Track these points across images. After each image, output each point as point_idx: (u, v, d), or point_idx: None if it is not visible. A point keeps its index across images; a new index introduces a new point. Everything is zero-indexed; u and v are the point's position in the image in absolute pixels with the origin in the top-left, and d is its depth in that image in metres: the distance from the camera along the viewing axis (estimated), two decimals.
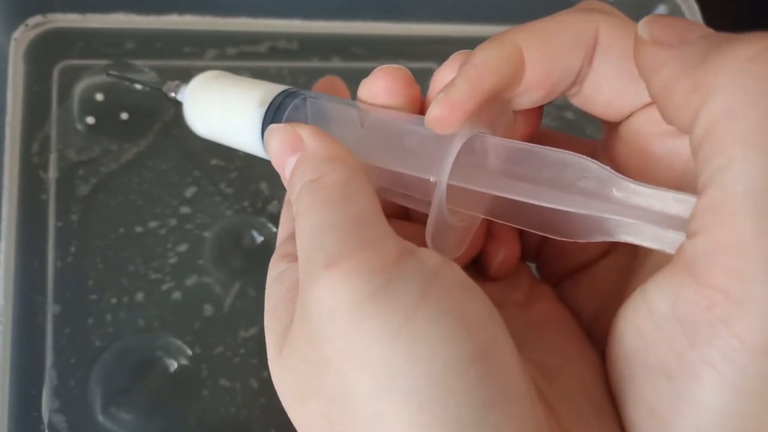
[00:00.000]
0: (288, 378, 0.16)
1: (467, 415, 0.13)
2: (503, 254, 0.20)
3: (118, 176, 0.33)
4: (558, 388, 0.16)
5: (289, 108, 0.22)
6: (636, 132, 0.17)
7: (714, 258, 0.13)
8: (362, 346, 0.13)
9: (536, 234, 0.17)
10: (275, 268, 0.19)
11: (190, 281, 0.32)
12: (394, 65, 0.19)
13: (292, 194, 0.18)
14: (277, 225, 0.34)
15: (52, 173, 0.33)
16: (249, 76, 0.37)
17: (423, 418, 0.13)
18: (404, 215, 0.22)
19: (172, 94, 0.27)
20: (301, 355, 0.15)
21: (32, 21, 0.35)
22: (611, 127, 0.19)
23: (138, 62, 0.35)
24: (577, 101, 0.18)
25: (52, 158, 0.33)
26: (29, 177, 0.32)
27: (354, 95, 0.21)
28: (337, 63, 0.38)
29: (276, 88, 0.23)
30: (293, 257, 0.18)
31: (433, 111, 0.17)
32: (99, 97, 0.34)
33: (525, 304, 0.20)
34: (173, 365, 0.31)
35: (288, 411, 0.16)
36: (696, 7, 0.39)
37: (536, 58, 0.17)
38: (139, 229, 0.33)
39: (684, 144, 0.16)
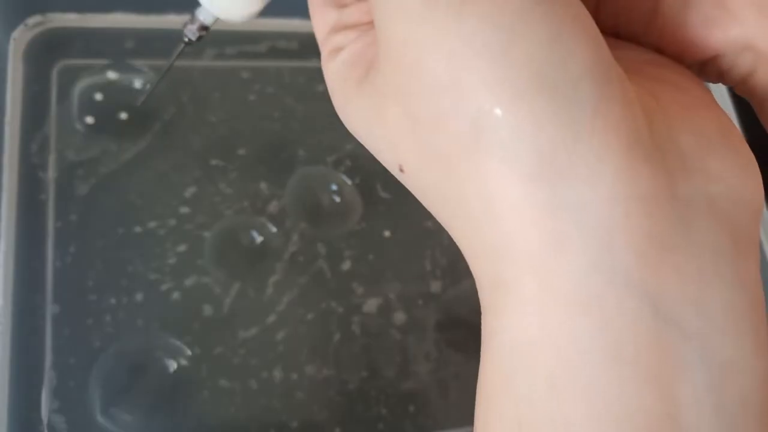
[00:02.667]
0: (369, 100, 0.16)
1: (536, 53, 0.13)
2: None
3: (117, 176, 0.33)
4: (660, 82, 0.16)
5: None
6: None
7: None
8: (431, 32, 0.13)
9: None
10: (334, 62, 0.18)
11: (189, 281, 0.32)
12: None
13: None
14: (276, 225, 0.34)
15: (51, 173, 0.33)
16: (249, 77, 0.38)
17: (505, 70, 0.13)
18: None
19: (197, 25, 0.25)
20: (383, 78, 0.15)
21: (31, 20, 0.35)
22: None
23: (137, 62, 0.35)
24: None
25: (51, 158, 0.33)
26: (28, 177, 0.32)
27: None
28: None
29: None
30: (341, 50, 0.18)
31: None
32: (98, 96, 0.34)
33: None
34: (173, 366, 0.31)
35: (367, 135, 0.16)
36: None
37: None
38: (138, 229, 0.33)
39: None
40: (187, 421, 0.30)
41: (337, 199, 0.35)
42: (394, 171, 0.16)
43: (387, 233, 0.35)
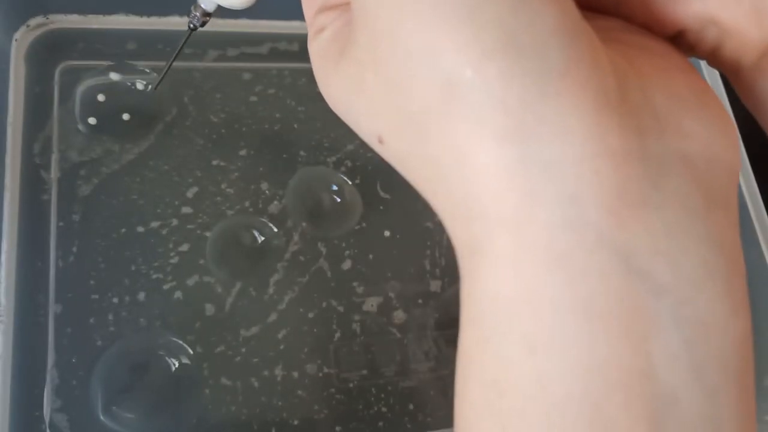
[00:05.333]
0: (347, 72, 0.16)
1: (503, 14, 0.13)
2: None
3: (119, 176, 0.33)
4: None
5: None
6: None
7: None
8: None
9: None
10: (317, 40, 0.18)
11: (191, 281, 0.32)
12: None
13: None
14: (277, 225, 0.34)
15: (54, 173, 0.33)
16: (251, 78, 0.38)
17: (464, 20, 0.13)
18: None
19: (200, 12, 0.27)
20: (359, 49, 0.15)
21: (34, 22, 0.35)
22: None
23: (139, 63, 0.35)
24: None
25: (54, 158, 0.33)
26: (31, 177, 0.32)
27: None
28: None
29: None
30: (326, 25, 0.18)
31: None
32: (100, 97, 0.34)
33: None
34: (174, 364, 0.31)
35: (347, 108, 0.17)
36: None
37: None
38: (140, 228, 0.33)
39: None
40: (188, 420, 0.30)
41: (338, 199, 0.35)
42: (373, 143, 0.16)
43: (387, 233, 0.36)
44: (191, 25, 0.28)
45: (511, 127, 0.13)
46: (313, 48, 0.18)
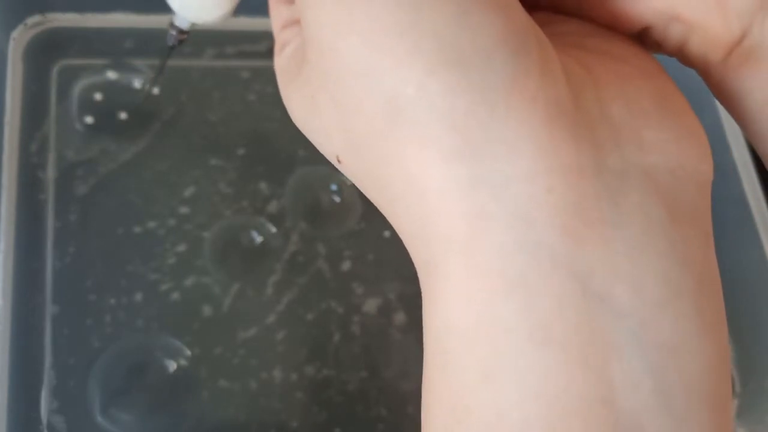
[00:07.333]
0: (303, 90, 0.16)
1: (445, 27, 0.12)
2: None
3: (116, 176, 0.33)
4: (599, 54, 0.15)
5: None
6: None
7: None
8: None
9: None
10: (281, 56, 0.18)
11: (188, 281, 0.32)
12: None
13: None
14: (276, 225, 0.34)
15: (51, 173, 0.33)
16: (249, 76, 0.38)
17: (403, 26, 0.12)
18: None
19: (175, 31, 0.27)
20: (310, 67, 0.15)
21: (31, 20, 0.35)
22: None
23: (136, 61, 0.35)
24: None
25: (51, 158, 0.33)
26: (28, 177, 0.32)
27: None
28: None
29: None
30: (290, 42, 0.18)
31: None
32: (98, 96, 0.34)
33: None
34: (172, 366, 0.31)
35: (307, 126, 0.16)
36: None
37: None
38: (137, 229, 0.33)
39: None
40: (186, 422, 0.30)
41: (337, 199, 0.35)
42: (333, 162, 0.16)
43: (387, 233, 0.35)
44: (170, 44, 0.27)
45: (458, 146, 0.12)
46: (277, 64, 0.18)
